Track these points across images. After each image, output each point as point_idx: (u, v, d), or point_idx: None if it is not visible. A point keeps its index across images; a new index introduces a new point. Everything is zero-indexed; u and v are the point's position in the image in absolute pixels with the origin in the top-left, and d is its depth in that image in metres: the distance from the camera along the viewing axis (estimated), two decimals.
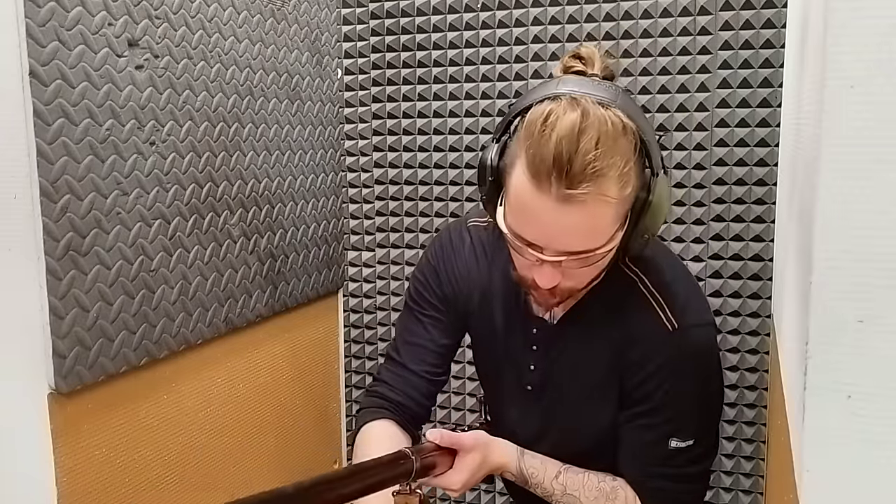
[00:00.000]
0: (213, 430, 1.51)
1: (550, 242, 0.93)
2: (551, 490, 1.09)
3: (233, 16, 1.50)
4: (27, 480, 1.16)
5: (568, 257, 0.93)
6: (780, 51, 1.82)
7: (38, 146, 1.09)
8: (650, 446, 1.06)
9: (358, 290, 2.32)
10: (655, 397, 1.04)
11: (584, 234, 0.91)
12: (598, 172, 0.86)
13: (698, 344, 1.04)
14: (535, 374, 1.15)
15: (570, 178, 0.85)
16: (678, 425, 1.04)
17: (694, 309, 1.05)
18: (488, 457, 1.06)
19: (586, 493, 1.08)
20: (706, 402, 1.07)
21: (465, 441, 1.02)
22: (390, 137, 2.22)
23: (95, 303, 1.20)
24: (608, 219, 0.91)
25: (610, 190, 0.89)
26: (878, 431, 0.63)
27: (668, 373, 1.03)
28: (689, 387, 1.03)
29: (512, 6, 2.05)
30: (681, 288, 1.06)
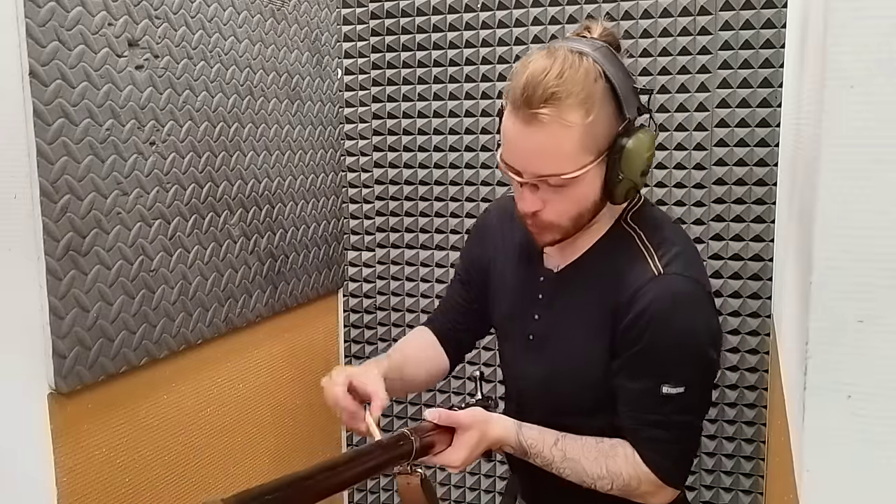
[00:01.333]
0: (213, 430, 1.51)
1: (524, 165, 1.05)
2: (551, 458, 1.10)
3: (233, 16, 1.50)
4: (27, 480, 1.16)
5: (540, 180, 1.04)
6: (780, 51, 1.82)
7: (38, 146, 1.09)
8: (642, 393, 1.08)
9: (358, 290, 2.32)
10: (642, 340, 1.07)
11: (550, 156, 1.02)
12: (556, 96, 0.98)
13: (679, 291, 1.08)
14: (538, 324, 1.20)
15: (533, 101, 0.99)
16: (667, 370, 1.06)
17: (682, 263, 1.10)
18: (487, 433, 1.09)
19: (585, 454, 1.10)
20: (694, 351, 1.08)
21: (463, 419, 1.06)
22: (390, 137, 2.22)
23: (95, 303, 1.20)
24: (571, 144, 1.01)
25: (569, 115, 0.99)
26: (878, 431, 0.63)
27: (651, 316, 1.06)
28: (673, 332, 1.06)
29: (512, 6, 2.05)
30: (674, 246, 1.12)
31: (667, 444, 1.10)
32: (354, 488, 2.40)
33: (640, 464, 1.09)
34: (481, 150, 2.13)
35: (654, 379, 1.07)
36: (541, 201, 1.07)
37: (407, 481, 1.05)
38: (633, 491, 1.10)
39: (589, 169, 1.03)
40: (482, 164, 2.13)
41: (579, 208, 1.08)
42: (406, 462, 0.99)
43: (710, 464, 2.01)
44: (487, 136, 2.12)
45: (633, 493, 1.11)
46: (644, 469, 1.09)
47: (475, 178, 2.15)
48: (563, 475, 1.12)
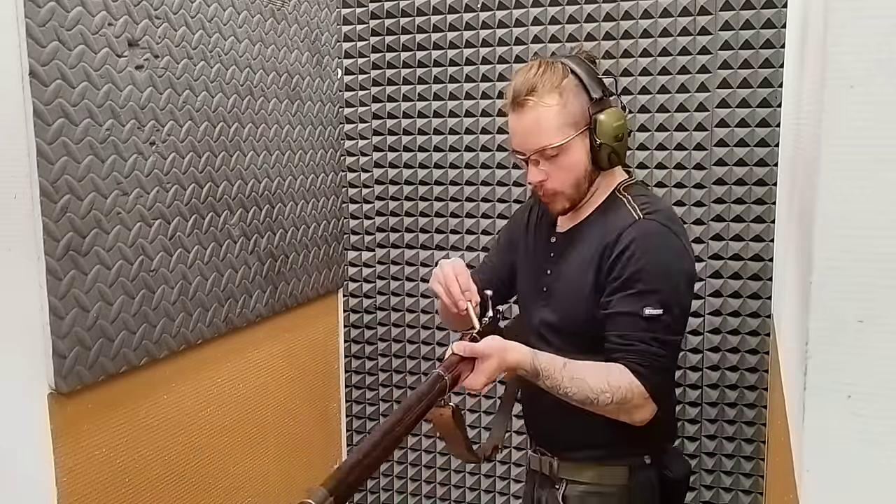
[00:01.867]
0: (213, 431, 1.51)
1: (523, 144, 1.35)
2: (560, 378, 1.26)
3: (233, 16, 1.50)
4: (27, 480, 1.16)
5: (538, 153, 1.34)
6: (780, 51, 1.82)
7: (38, 146, 1.09)
8: (628, 316, 1.28)
9: (358, 290, 2.32)
10: (626, 272, 1.29)
11: (538, 132, 1.33)
12: (535, 87, 1.32)
13: (656, 231, 1.31)
14: (549, 278, 1.44)
15: (520, 94, 1.33)
16: (647, 294, 1.27)
17: (661, 216, 1.34)
18: (505, 359, 1.24)
19: (589, 372, 1.27)
20: (669, 278, 1.30)
21: (484, 350, 1.22)
22: (390, 137, 2.22)
23: (95, 303, 1.20)
24: (552, 120, 1.32)
25: (546, 99, 1.32)
26: (878, 431, 0.63)
27: (632, 251, 1.29)
28: (651, 262, 1.29)
29: (512, 6, 2.05)
30: (656, 206, 1.36)
31: (652, 358, 1.27)
32: None
33: (633, 378, 1.26)
34: (481, 150, 2.13)
35: (637, 303, 1.28)
36: (543, 172, 1.35)
37: (440, 412, 1.20)
38: (626, 403, 1.26)
39: (572, 139, 1.33)
40: (482, 164, 2.13)
41: (576, 175, 1.36)
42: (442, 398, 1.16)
43: (710, 464, 2.01)
44: (487, 136, 2.12)
45: (626, 406, 1.27)
46: (636, 382, 1.26)
47: (475, 178, 2.15)
48: (570, 395, 1.26)
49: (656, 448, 1.39)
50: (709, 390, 1.98)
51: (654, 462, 1.38)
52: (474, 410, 2.25)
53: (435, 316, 2.25)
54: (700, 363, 1.98)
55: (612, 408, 1.26)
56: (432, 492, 2.32)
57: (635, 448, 1.37)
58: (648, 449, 1.38)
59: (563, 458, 1.42)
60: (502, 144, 2.12)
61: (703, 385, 1.99)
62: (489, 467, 2.25)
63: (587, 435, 1.37)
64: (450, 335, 2.25)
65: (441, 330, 2.25)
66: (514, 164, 2.11)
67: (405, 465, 2.35)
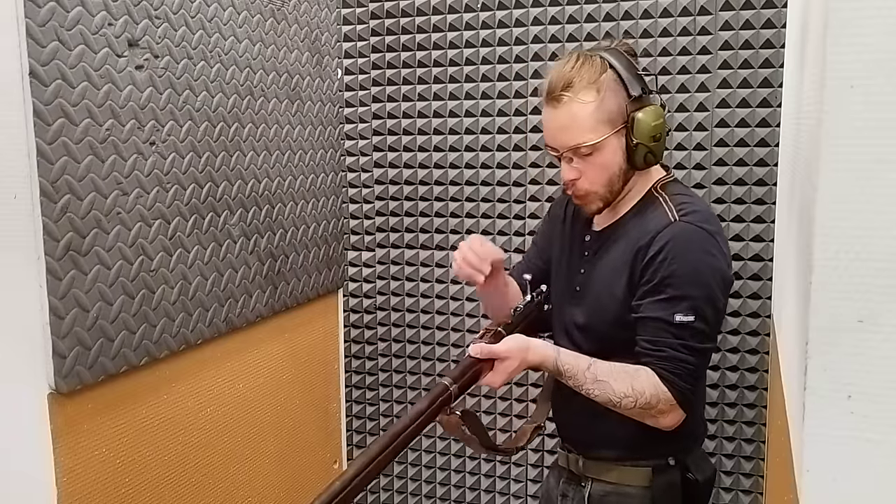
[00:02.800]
0: (213, 430, 1.51)
1: (557, 141, 1.32)
2: (583, 380, 1.26)
3: (233, 16, 1.50)
4: (27, 480, 1.16)
5: (572, 150, 1.30)
6: (780, 51, 1.82)
7: (38, 146, 1.09)
8: (658, 322, 1.26)
9: (358, 290, 2.32)
10: (657, 276, 1.26)
11: (573, 129, 1.29)
12: (572, 82, 1.28)
13: (692, 235, 1.28)
14: (583, 277, 1.42)
15: (556, 89, 1.29)
16: (678, 300, 1.24)
17: (698, 217, 1.30)
18: (525, 359, 1.24)
19: (614, 375, 1.26)
20: (702, 283, 1.26)
21: (501, 352, 1.22)
22: (390, 137, 2.22)
23: (95, 303, 1.20)
24: (588, 117, 1.28)
25: (583, 95, 1.28)
26: (878, 431, 0.63)
27: (666, 254, 1.26)
28: (683, 267, 1.25)
29: (512, 6, 2.05)
30: (693, 206, 1.32)
31: (682, 365, 1.24)
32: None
33: (660, 384, 1.24)
34: (481, 150, 2.13)
35: (668, 309, 1.25)
36: (577, 171, 1.32)
37: (447, 419, 1.19)
38: (651, 409, 1.25)
39: (608, 137, 1.29)
40: (482, 164, 2.13)
41: (609, 174, 1.32)
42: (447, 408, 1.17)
43: None
44: (487, 136, 2.12)
45: (651, 412, 1.25)
46: (662, 388, 1.24)
47: (475, 178, 2.15)
48: (592, 395, 1.26)
49: (681, 450, 1.37)
50: (709, 390, 1.98)
51: (678, 464, 1.37)
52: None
53: (435, 316, 2.25)
54: None
55: (635, 411, 1.26)
56: (432, 492, 2.32)
57: (659, 449, 1.36)
58: (673, 450, 1.36)
59: (588, 456, 1.43)
60: (502, 144, 2.12)
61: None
62: (489, 467, 2.25)
63: (612, 435, 1.36)
64: (450, 336, 2.25)
65: (441, 330, 2.25)
66: (514, 164, 2.11)
67: (405, 465, 2.35)
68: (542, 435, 2.18)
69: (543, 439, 2.18)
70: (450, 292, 2.23)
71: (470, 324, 2.21)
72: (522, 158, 2.09)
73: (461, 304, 2.22)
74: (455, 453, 2.29)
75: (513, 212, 2.12)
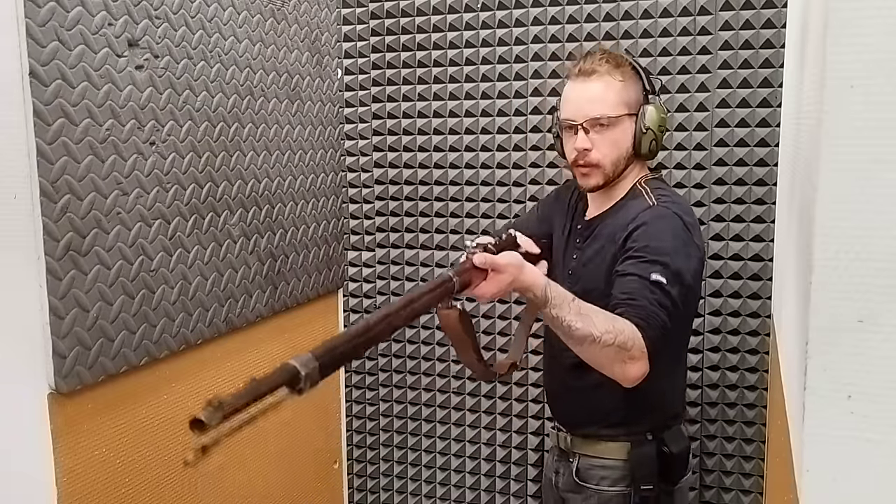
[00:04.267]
0: None
1: (580, 112, 1.45)
2: (567, 310, 1.28)
3: (233, 16, 1.50)
4: (27, 480, 1.16)
5: (592, 121, 1.44)
6: (780, 51, 1.82)
7: (38, 146, 1.09)
8: (635, 277, 1.34)
9: (358, 290, 2.32)
10: (636, 244, 1.38)
11: (600, 101, 1.44)
12: (607, 60, 1.45)
13: (668, 216, 1.40)
14: (575, 262, 1.54)
15: (593, 61, 1.45)
16: (655, 263, 1.34)
17: (675, 207, 1.43)
18: (518, 277, 1.26)
19: (596, 312, 1.30)
20: (676, 260, 1.35)
21: (500, 263, 1.24)
22: (390, 137, 2.22)
23: (95, 303, 1.20)
24: (614, 94, 1.44)
25: (615, 74, 1.45)
26: (878, 431, 0.63)
27: (645, 229, 1.39)
28: (660, 239, 1.37)
29: (512, 6, 2.05)
30: (672, 199, 1.46)
31: (655, 317, 1.31)
32: (354, 488, 2.40)
33: (636, 330, 1.29)
34: (481, 150, 2.13)
35: (645, 269, 1.34)
36: (590, 142, 1.45)
37: (446, 312, 1.23)
38: (626, 351, 1.28)
39: (624, 116, 1.45)
40: (482, 164, 2.13)
41: (618, 151, 1.46)
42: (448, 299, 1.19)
43: (710, 464, 2.01)
44: (487, 136, 2.12)
45: (624, 355, 1.28)
46: (638, 334, 1.28)
47: (475, 178, 2.15)
48: (573, 328, 1.27)
49: (658, 426, 1.50)
50: (709, 390, 1.98)
51: (655, 439, 1.49)
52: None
53: (435, 316, 2.25)
54: (700, 363, 1.98)
55: (611, 351, 1.27)
56: (432, 492, 2.32)
57: (638, 426, 1.50)
58: (650, 426, 1.50)
59: (576, 433, 1.56)
60: (502, 144, 2.12)
61: (703, 385, 1.99)
62: (489, 467, 2.25)
63: (596, 412, 1.51)
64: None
65: (441, 330, 2.25)
66: (514, 164, 2.11)
67: (405, 465, 2.35)
68: (543, 435, 2.18)
69: (543, 439, 2.18)
70: None
71: None
72: (522, 158, 2.09)
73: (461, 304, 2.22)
74: (455, 453, 2.29)
75: (512, 212, 2.12)
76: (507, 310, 2.18)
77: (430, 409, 2.29)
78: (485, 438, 2.24)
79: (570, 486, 1.57)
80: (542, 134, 2.07)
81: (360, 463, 2.40)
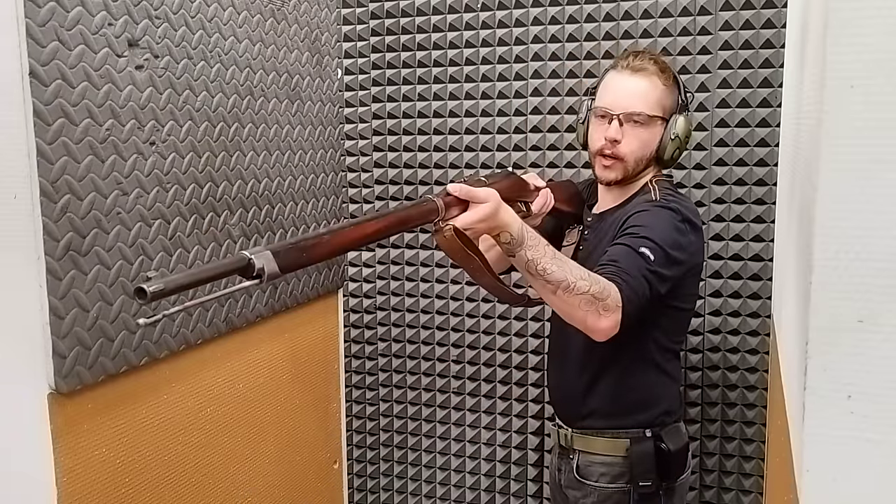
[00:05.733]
0: (213, 430, 1.51)
1: (620, 104, 1.49)
2: (542, 253, 1.26)
3: (233, 16, 1.50)
4: (27, 480, 1.16)
5: (628, 115, 1.47)
6: (780, 51, 1.82)
7: (38, 146, 1.09)
8: (624, 246, 1.36)
9: (358, 290, 2.32)
10: (629, 224, 1.41)
11: (642, 97, 1.48)
12: (655, 61, 1.50)
13: (668, 207, 1.45)
14: (582, 252, 1.59)
15: (644, 59, 1.50)
16: (646, 240, 1.36)
17: (678, 205, 1.47)
18: (497, 212, 1.24)
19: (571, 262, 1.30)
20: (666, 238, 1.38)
21: (480, 195, 1.23)
22: (390, 137, 2.22)
23: (95, 303, 1.20)
24: (656, 94, 1.49)
25: (661, 77, 1.50)
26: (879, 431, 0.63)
27: (641, 215, 1.43)
28: (655, 226, 1.40)
29: (512, 6, 2.05)
30: (677, 199, 1.49)
31: (636, 279, 1.31)
32: (354, 488, 2.40)
33: (612, 284, 1.29)
34: (481, 150, 2.13)
35: (634, 242, 1.36)
36: (620, 134, 1.48)
37: (442, 235, 1.21)
38: (600, 301, 1.27)
39: (658, 119, 1.49)
40: (482, 164, 2.13)
41: (644, 151, 1.50)
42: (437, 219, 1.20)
43: (710, 464, 2.01)
44: (487, 136, 2.12)
45: (598, 305, 1.27)
46: (614, 287, 1.28)
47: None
48: (548, 272, 1.25)
49: (656, 424, 1.54)
50: (709, 390, 1.98)
51: (653, 436, 1.53)
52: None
53: (435, 316, 2.25)
54: (700, 363, 1.98)
55: (586, 299, 1.26)
56: (432, 492, 2.32)
57: (637, 423, 1.53)
58: (649, 424, 1.53)
59: (576, 428, 1.59)
60: (502, 145, 2.12)
61: (703, 385, 1.99)
62: (489, 467, 2.25)
63: (598, 411, 1.55)
64: (450, 336, 2.25)
65: (441, 330, 2.25)
66: (514, 165, 2.11)
67: (405, 465, 2.35)
68: (543, 435, 2.18)
69: (543, 439, 2.18)
70: (450, 292, 2.23)
71: (470, 324, 2.21)
72: (522, 159, 2.09)
73: (461, 304, 2.22)
74: (455, 453, 2.29)
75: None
76: (507, 310, 2.18)
77: (430, 409, 2.29)
78: (485, 438, 2.24)
79: (571, 482, 1.60)
80: (542, 134, 2.07)
81: (360, 463, 2.40)
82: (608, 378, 1.53)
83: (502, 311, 2.18)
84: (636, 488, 1.52)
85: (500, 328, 2.18)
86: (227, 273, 0.95)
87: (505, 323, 2.18)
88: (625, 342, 1.35)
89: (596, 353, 1.52)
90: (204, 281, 0.93)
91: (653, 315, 1.41)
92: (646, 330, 1.46)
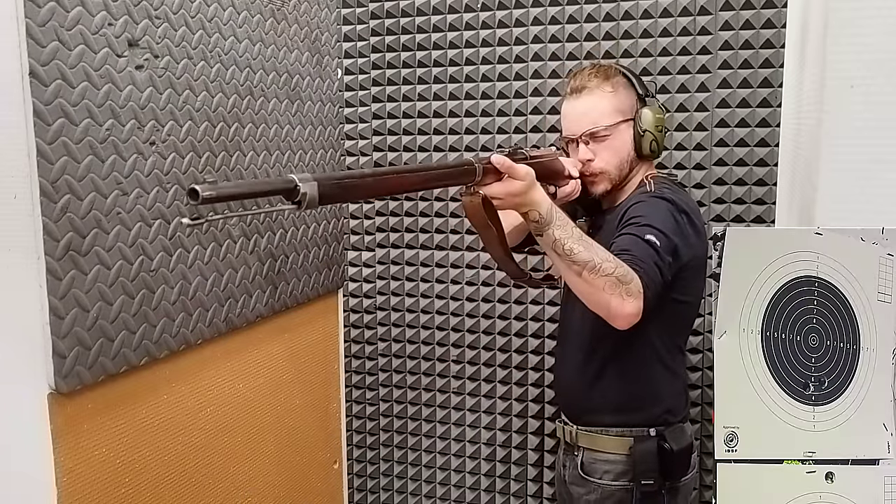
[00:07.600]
0: (212, 430, 1.51)
1: (577, 127, 1.56)
2: (570, 233, 1.30)
3: (233, 16, 1.50)
4: (27, 480, 1.16)
5: (588, 134, 1.53)
6: (780, 51, 1.82)
7: (38, 146, 1.09)
8: (630, 235, 1.40)
9: (358, 290, 2.32)
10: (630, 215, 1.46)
11: (593, 114, 1.54)
12: (595, 75, 1.55)
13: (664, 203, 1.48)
14: None
15: (582, 79, 1.55)
16: (650, 227, 1.40)
17: (675, 197, 1.49)
18: (530, 189, 1.28)
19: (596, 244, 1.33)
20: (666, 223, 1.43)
21: (519, 171, 1.27)
22: (390, 137, 2.22)
23: (95, 303, 1.20)
24: (606, 105, 1.53)
25: (605, 87, 1.54)
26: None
27: (639, 205, 1.48)
28: (651, 211, 1.45)
29: (512, 6, 2.05)
30: (674, 192, 1.52)
31: (651, 267, 1.35)
32: (354, 488, 2.40)
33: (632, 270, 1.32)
34: (481, 151, 2.13)
35: (640, 231, 1.40)
36: (591, 152, 1.55)
37: (470, 199, 1.27)
38: (624, 284, 1.30)
39: (620, 124, 1.54)
40: None
41: (620, 157, 1.56)
42: (470, 184, 1.24)
43: (710, 464, 2.01)
44: (487, 137, 2.12)
45: (622, 289, 1.30)
46: (635, 274, 1.31)
47: None
48: (574, 253, 1.29)
49: (660, 423, 1.56)
50: (709, 390, 1.98)
51: (657, 435, 1.55)
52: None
53: (435, 316, 2.25)
54: (700, 363, 1.98)
55: (611, 281, 1.29)
56: (432, 492, 2.32)
57: (641, 422, 1.56)
58: (652, 423, 1.56)
59: (580, 424, 1.63)
60: (502, 145, 2.12)
61: (703, 385, 1.99)
62: (489, 467, 2.25)
63: (601, 406, 1.59)
64: (450, 336, 2.25)
65: (441, 330, 2.25)
66: None
67: (405, 465, 2.35)
68: (543, 435, 2.18)
69: (543, 439, 2.19)
70: (450, 292, 2.23)
71: (470, 324, 2.21)
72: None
73: (461, 304, 2.22)
74: (455, 453, 2.29)
75: None
76: (507, 310, 2.18)
77: (430, 409, 2.29)
78: (485, 438, 2.24)
79: (575, 479, 1.63)
80: (542, 134, 2.07)
81: (360, 463, 2.40)
82: (613, 371, 1.57)
83: (502, 311, 2.18)
84: (639, 487, 1.54)
85: (500, 328, 2.18)
86: (275, 192, 1.00)
87: (505, 323, 2.18)
88: (630, 336, 1.39)
89: (601, 347, 1.56)
90: (252, 195, 0.97)
91: (657, 308, 1.42)
92: (651, 324, 1.46)
